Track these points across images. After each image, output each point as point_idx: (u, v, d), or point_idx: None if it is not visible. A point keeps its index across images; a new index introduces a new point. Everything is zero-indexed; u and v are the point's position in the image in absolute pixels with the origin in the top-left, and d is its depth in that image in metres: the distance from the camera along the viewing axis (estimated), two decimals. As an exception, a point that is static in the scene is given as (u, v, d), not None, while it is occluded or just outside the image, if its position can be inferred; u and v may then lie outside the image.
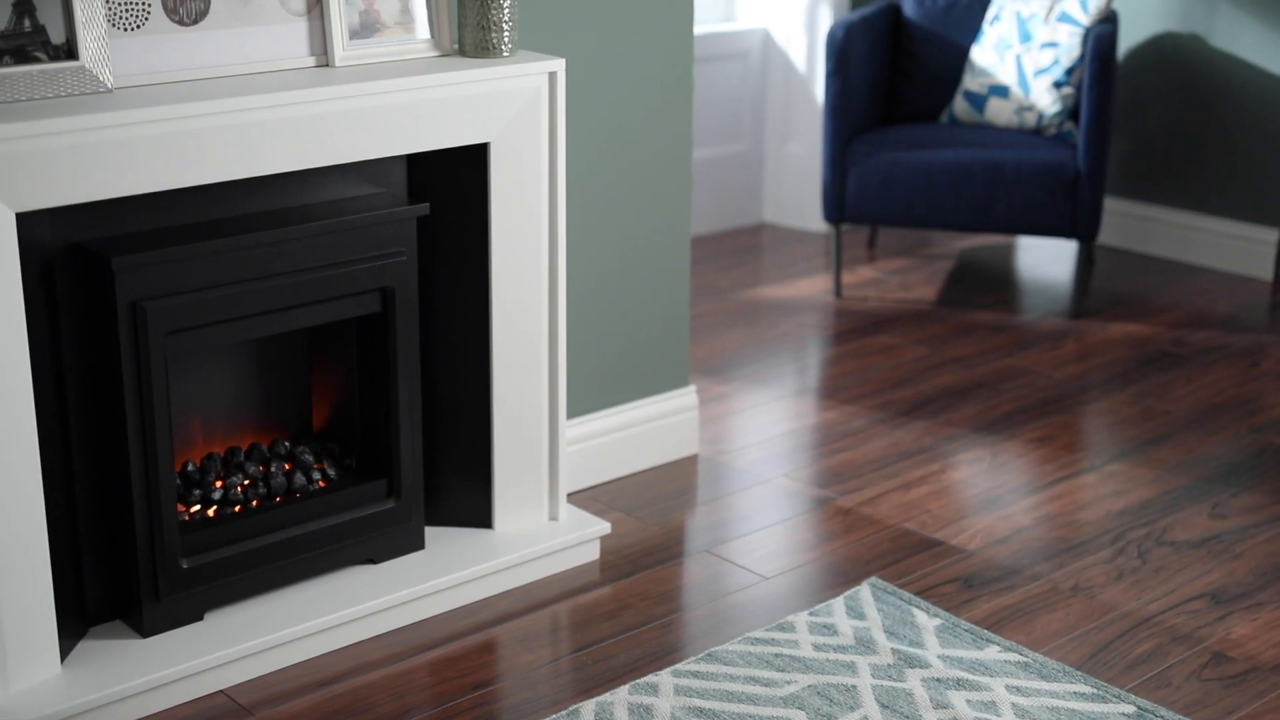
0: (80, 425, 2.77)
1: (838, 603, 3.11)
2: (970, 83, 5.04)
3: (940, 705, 2.76)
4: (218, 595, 2.91)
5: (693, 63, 3.60)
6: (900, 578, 3.24)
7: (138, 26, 2.70)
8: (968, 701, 2.77)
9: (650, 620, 3.09)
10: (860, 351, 4.56)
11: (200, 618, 2.89)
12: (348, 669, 2.90)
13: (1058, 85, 4.88)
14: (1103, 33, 4.69)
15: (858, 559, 3.33)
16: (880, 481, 3.70)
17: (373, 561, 3.11)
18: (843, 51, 4.83)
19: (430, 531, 3.25)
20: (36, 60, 2.59)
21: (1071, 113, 4.93)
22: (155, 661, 2.77)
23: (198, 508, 2.98)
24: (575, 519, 3.32)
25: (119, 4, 2.68)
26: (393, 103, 2.86)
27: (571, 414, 3.58)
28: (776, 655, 2.93)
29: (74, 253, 2.69)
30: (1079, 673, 2.86)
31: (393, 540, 3.12)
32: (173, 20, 2.74)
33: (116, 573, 2.87)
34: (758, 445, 3.91)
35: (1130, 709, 2.75)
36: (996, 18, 5.02)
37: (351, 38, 2.93)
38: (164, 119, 2.59)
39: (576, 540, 3.26)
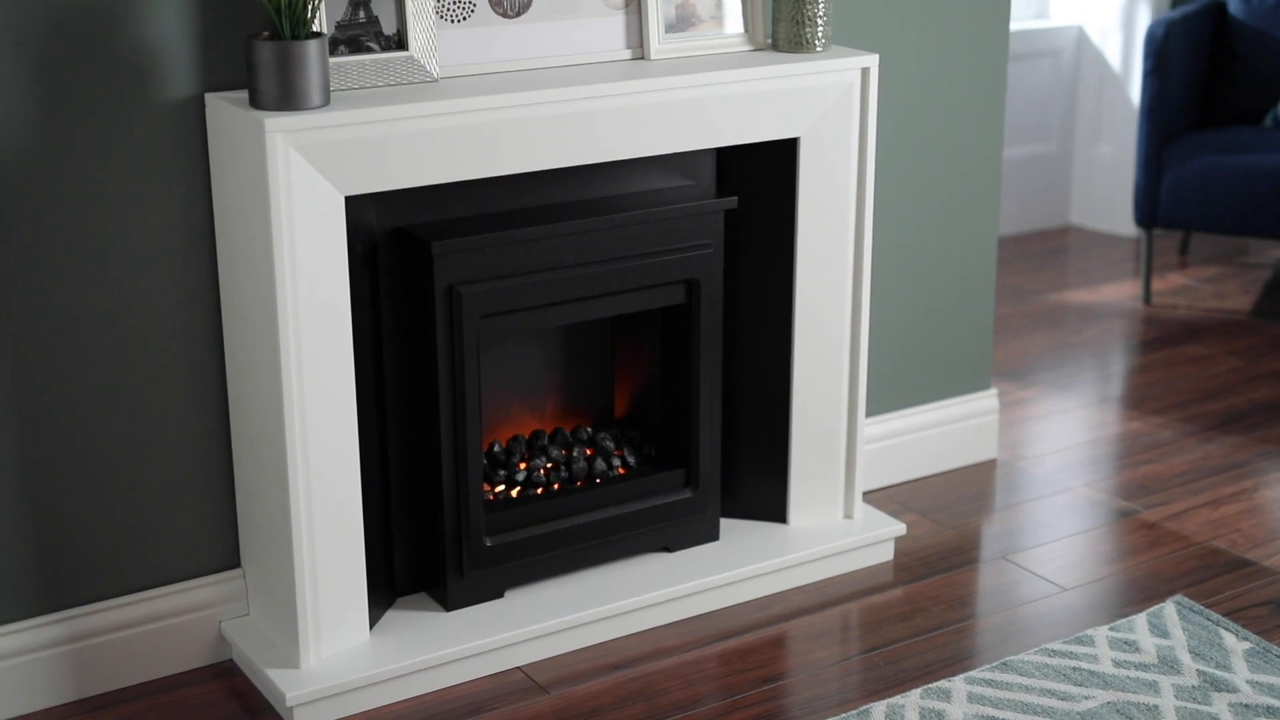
0: (395, 402, 2.87)
1: (1140, 619, 3.01)
2: (1298, 84, 4.82)
3: (1248, 732, 2.66)
4: (518, 574, 2.98)
5: (1007, 60, 3.53)
6: (1207, 597, 3.12)
7: (464, 18, 2.79)
8: (1278, 730, 2.66)
9: (943, 625, 3.05)
10: (1169, 361, 4.41)
11: (500, 595, 2.97)
12: (641, 654, 2.94)
13: (1395, 88, 4.64)
14: None
15: (1162, 575, 3.22)
16: (1188, 496, 3.57)
17: (668, 550, 3.15)
18: (1162, 50, 4.68)
19: (725, 523, 3.26)
20: (369, 50, 2.69)
21: None
22: (457, 634, 2.85)
23: (502, 488, 3.06)
24: (870, 518, 3.29)
25: (448, -4, 2.77)
26: (706, 96, 2.88)
27: (870, 412, 3.55)
28: (1075, 669, 2.85)
29: (396, 236, 2.79)
30: (1401, 708, 2.72)
31: (689, 529, 3.15)
32: (497, 12, 2.82)
33: (423, 547, 2.96)
34: (1058, 452, 3.81)
35: None
36: (1330, 17, 4.79)
37: (667, 31, 2.96)
38: (487, 108, 2.66)
39: (871, 539, 3.24)
